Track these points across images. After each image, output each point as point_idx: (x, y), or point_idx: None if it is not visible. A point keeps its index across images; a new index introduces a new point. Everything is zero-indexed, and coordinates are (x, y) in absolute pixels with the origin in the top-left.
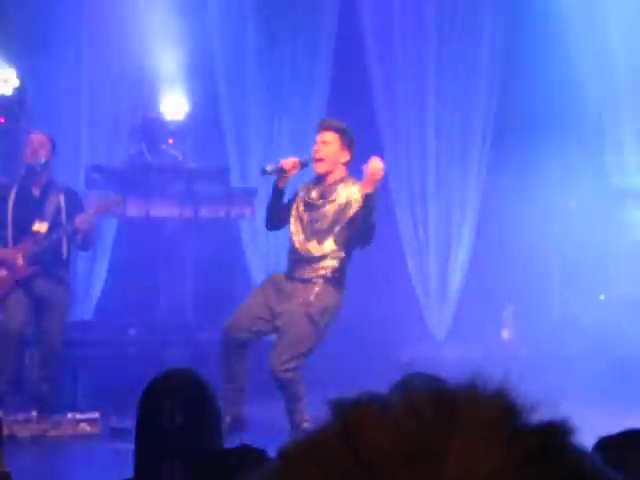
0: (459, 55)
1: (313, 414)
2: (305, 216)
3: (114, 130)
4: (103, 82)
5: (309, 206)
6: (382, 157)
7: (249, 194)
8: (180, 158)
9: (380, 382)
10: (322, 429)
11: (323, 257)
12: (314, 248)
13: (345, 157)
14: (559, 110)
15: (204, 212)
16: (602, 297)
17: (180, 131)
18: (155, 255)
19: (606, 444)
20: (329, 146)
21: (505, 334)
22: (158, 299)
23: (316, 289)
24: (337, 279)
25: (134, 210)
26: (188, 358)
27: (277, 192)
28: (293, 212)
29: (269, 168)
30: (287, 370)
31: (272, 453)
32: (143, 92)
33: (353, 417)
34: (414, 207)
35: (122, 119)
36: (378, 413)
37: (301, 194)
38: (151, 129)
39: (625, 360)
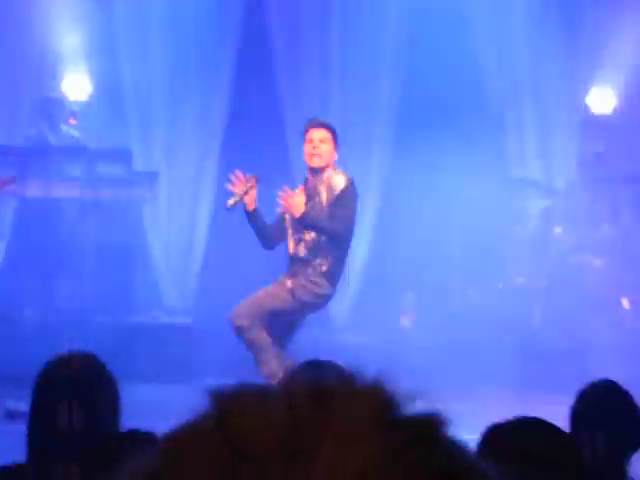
0: (363, 48)
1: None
2: (291, 224)
3: (14, 110)
4: (3, 60)
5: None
6: (287, 149)
7: (151, 177)
8: (81, 139)
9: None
10: (200, 418)
11: (314, 257)
12: (303, 252)
13: (335, 157)
14: (461, 101)
15: (105, 194)
16: (501, 286)
17: (82, 111)
18: (55, 236)
19: (497, 432)
20: (326, 144)
21: (405, 321)
22: (57, 280)
23: (311, 278)
24: (332, 273)
25: (34, 191)
26: (85, 341)
27: (250, 216)
28: (286, 219)
29: (230, 202)
30: (242, 317)
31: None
32: (45, 71)
33: (230, 406)
34: None
35: (23, 98)
36: (255, 403)
37: None
38: (52, 109)
39: (523, 347)
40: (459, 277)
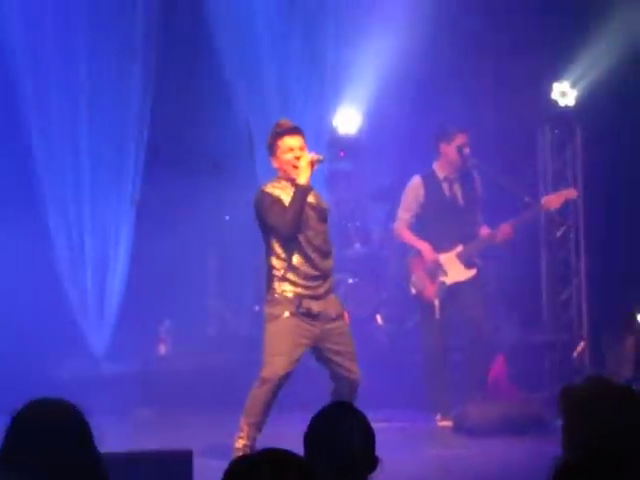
0: (111, 76)
1: None
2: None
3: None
4: None
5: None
6: (36, 177)
7: None
8: None
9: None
10: None
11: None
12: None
13: None
14: (213, 129)
15: None
16: (257, 308)
17: None
18: None
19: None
20: (304, 151)
21: (162, 349)
22: None
23: None
24: None
25: None
26: None
27: (307, 192)
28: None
29: (322, 157)
30: None
31: None
32: None
33: None
34: (69, 219)
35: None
36: None
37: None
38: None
39: None
40: (216, 301)
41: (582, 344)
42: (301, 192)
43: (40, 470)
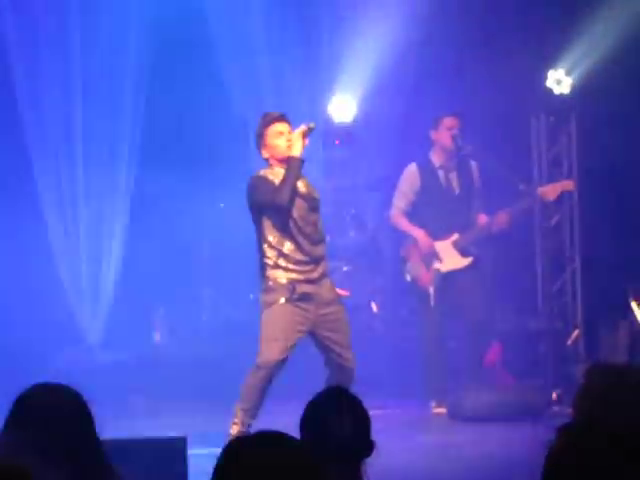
0: (104, 69)
1: None
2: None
3: None
4: None
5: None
6: (31, 167)
7: None
8: None
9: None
10: None
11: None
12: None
13: None
14: (207, 117)
15: None
16: (251, 296)
17: None
18: None
19: (239, 445)
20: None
21: (157, 337)
22: None
23: None
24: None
25: None
26: None
27: (302, 163)
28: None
29: (312, 125)
30: None
31: None
32: None
33: None
34: (64, 209)
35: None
36: None
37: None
38: None
39: None
40: (209, 289)
41: (576, 332)
42: (295, 163)
43: (42, 449)
